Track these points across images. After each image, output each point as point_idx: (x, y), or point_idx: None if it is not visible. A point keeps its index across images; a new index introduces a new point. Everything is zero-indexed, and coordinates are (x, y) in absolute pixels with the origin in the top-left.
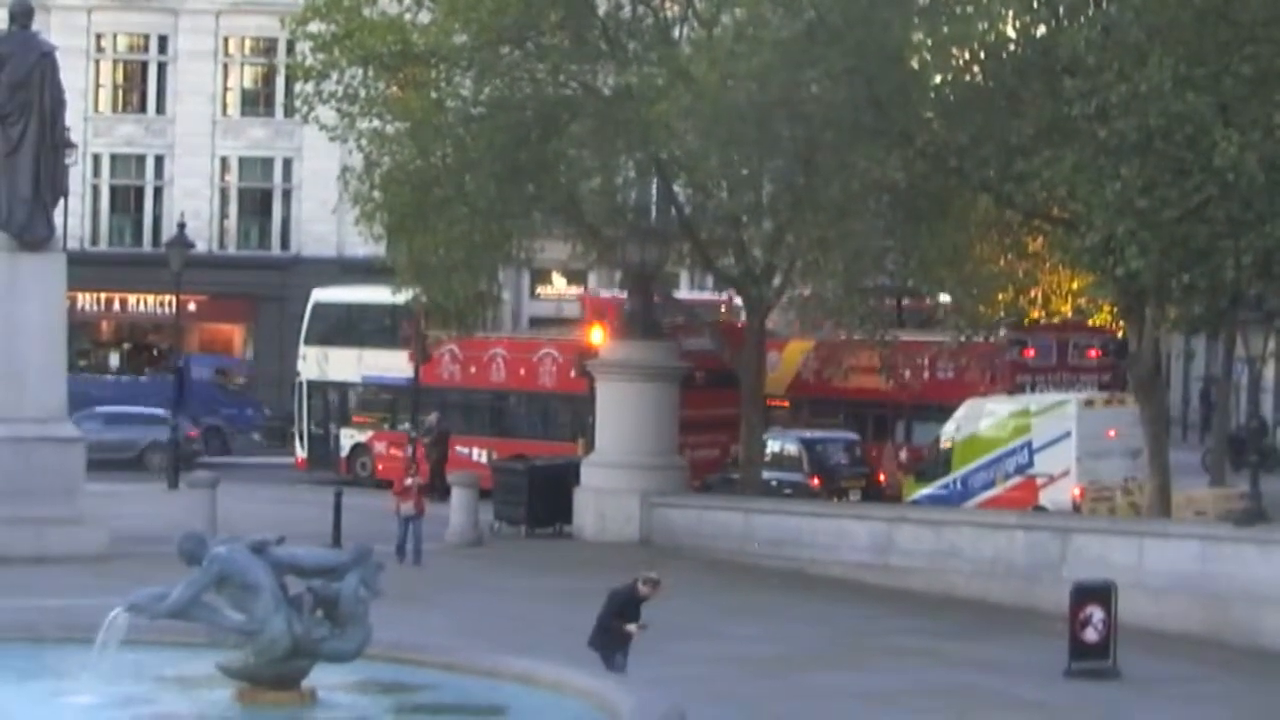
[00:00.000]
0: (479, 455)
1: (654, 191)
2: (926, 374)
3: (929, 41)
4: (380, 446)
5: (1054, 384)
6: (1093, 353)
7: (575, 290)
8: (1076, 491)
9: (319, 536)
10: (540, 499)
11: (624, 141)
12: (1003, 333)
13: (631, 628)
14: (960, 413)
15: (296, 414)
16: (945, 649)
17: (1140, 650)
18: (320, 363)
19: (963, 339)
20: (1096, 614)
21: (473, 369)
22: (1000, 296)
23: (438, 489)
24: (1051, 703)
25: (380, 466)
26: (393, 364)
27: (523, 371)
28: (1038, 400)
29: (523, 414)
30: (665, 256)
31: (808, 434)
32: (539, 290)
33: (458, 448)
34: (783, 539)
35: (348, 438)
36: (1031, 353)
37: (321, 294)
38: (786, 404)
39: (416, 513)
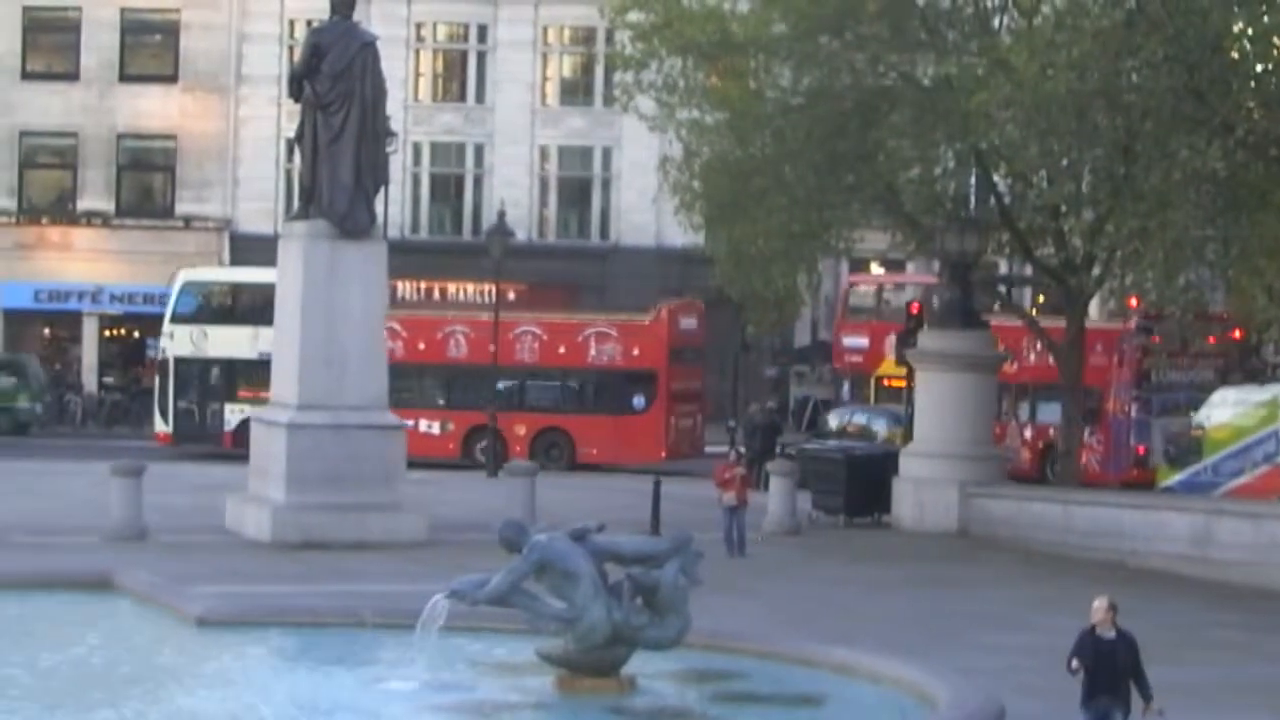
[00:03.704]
0: (426, 427)
1: (973, 181)
2: (1051, 357)
3: (1249, 31)
4: None
5: (1176, 368)
6: (1212, 339)
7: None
8: None
9: (638, 524)
10: (858, 488)
11: (943, 131)
12: (1132, 320)
13: (1075, 664)
14: (1212, 400)
15: (159, 390)
16: (1265, 643)
17: None
18: (196, 340)
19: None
20: None
21: (421, 344)
22: None
23: (759, 478)
24: None
25: None
26: None
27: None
28: None
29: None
30: (984, 246)
31: (891, 409)
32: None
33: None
34: (1101, 530)
35: (235, 413)
36: (1158, 339)
37: (193, 274)
38: (904, 384)
39: (738, 503)
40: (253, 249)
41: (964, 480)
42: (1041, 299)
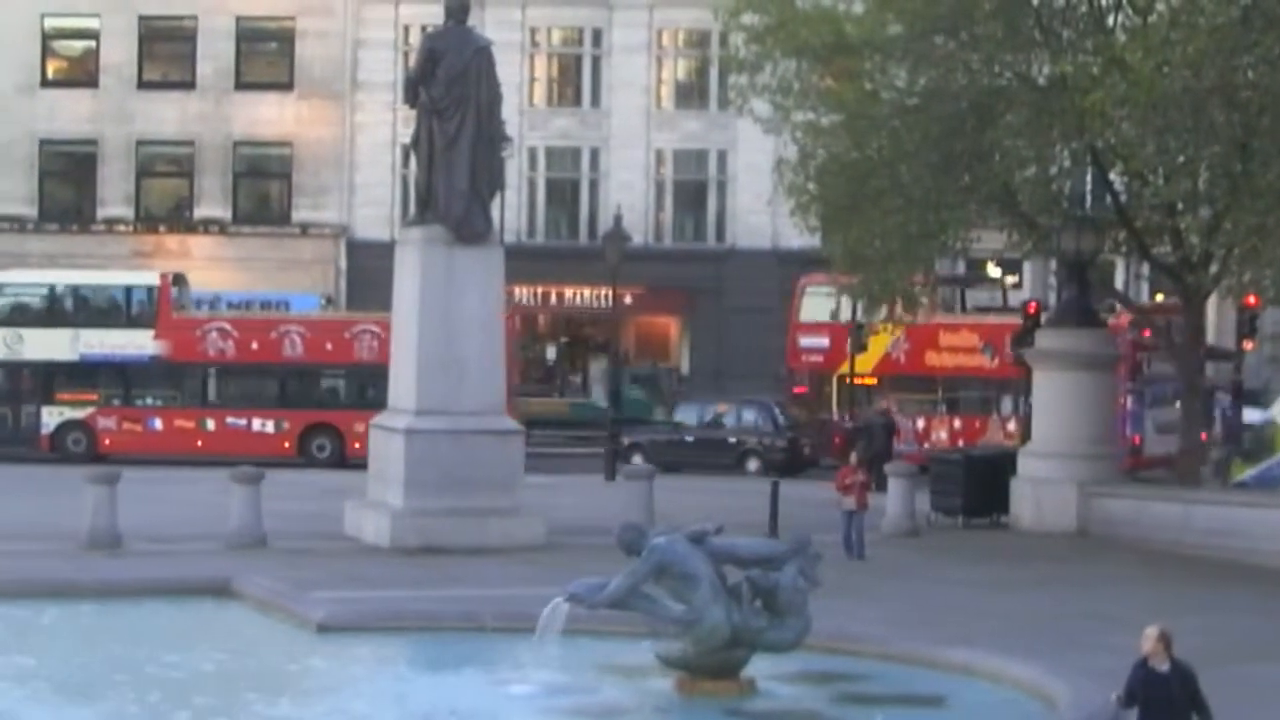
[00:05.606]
0: (260, 425)
1: (1089, 180)
2: None
3: None
4: (108, 422)
5: (1160, 360)
6: None
7: (1011, 280)
8: None
9: (756, 527)
10: (977, 489)
11: (1059, 130)
12: (1119, 313)
13: (1112, 697)
14: None
15: None
16: None
17: None
18: (10, 343)
19: None
20: None
21: (254, 344)
22: None
23: (876, 481)
24: None
25: (108, 441)
26: (122, 342)
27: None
28: None
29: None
30: (1101, 245)
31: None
32: None
33: (228, 419)
34: (1221, 529)
35: (53, 415)
36: (1149, 332)
37: (3, 276)
38: (874, 381)
39: (858, 507)
40: (369, 255)
41: (1083, 480)
42: (1160, 297)
